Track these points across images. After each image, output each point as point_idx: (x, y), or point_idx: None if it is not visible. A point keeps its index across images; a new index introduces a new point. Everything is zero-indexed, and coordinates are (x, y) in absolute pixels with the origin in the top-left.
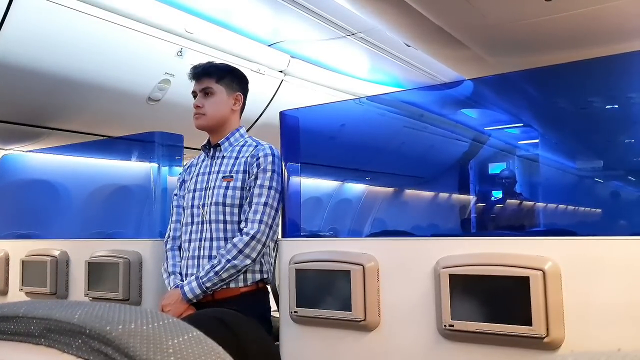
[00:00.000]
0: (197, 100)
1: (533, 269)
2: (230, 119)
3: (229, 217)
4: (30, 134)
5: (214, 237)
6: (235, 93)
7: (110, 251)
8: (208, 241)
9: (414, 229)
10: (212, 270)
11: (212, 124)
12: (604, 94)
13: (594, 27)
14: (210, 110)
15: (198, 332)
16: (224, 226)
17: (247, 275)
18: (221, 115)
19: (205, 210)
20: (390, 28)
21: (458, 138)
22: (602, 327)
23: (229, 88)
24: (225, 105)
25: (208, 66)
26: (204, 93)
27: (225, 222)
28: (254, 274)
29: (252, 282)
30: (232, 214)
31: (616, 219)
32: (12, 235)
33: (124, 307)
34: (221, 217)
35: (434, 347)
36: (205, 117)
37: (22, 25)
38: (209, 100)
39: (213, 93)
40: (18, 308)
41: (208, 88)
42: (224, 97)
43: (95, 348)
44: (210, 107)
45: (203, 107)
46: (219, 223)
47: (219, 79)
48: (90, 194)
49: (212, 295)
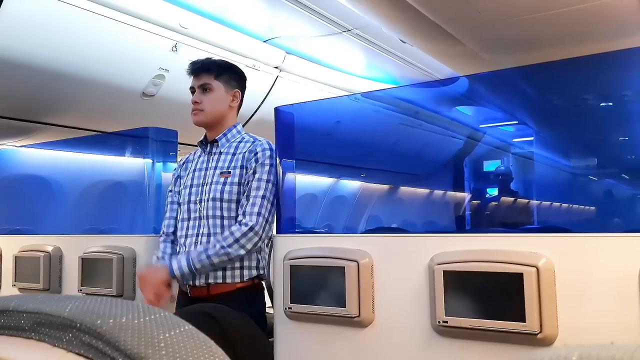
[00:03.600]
0: (195, 96)
1: (527, 265)
2: (228, 115)
3: (227, 213)
4: (23, 129)
5: (212, 232)
6: (234, 90)
7: (104, 247)
8: (205, 237)
9: (409, 225)
10: (204, 252)
11: (210, 120)
12: (599, 92)
13: (590, 24)
14: (209, 106)
15: (190, 326)
16: (221, 222)
17: (243, 271)
18: (219, 111)
19: (202, 206)
20: (386, 24)
21: (453, 135)
22: (595, 324)
23: (228, 84)
24: (223, 102)
25: (207, 62)
26: (202, 89)
27: (223, 217)
28: (250, 270)
29: (248, 278)
30: (229, 209)
31: (610, 216)
32: (5, 230)
33: (115, 301)
34: (218, 213)
35: (428, 343)
36: (203, 113)
37: (15, 19)
38: (208, 97)
39: (212, 89)
40: (8, 302)
41: (207, 84)
42: (222, 93)
43: (86, 342)
44: (209, 103)
45: (201, 103)
46: (216, 219)
47: (217, 75)
48: (84, 190)
49: (208, 290)
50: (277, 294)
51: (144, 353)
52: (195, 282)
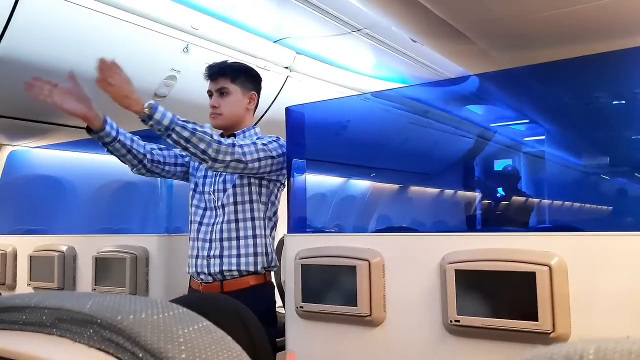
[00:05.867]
0: (213, 100)
1: (539, 264)
2: (245, 117)
3: (240, 198)
4: (37, 130)
5: (225, 220)
6: (250, 92)
7: (117, 246)
8: (219, 225)
9: (419, 225)
10: (193, 123)
11: (228, 123)
12: (611, 90)
13: (601, 21)
14: (227, 110)
15: (208, 322)
16: (234, 207)
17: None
18: (237, 114)
19: (216, 197)
20: (396, 23)
21: (463, 134)
22: (608, 323)
23: (244, 87)
24: (240, 105)
25: (223, 66)
26: (219, 93)
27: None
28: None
29: (261, 267)
30: (242, 194)
31: (623, 215)
32: (20, 230)
33: (135, 298)
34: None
35: (440, 342)
36: (222, 117)
37: (29, 22)
38: (225, 100)
39: (229, 93)
40: (30, 299)
41: (224, 88)
42: (239, 96)
43: (107, 337)
44: (226, 107)
45: (219, 107)
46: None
47: (234, 79)
48: (97, 190)
49: (221, 287)
50: (289, 293)
51: (164, 348)
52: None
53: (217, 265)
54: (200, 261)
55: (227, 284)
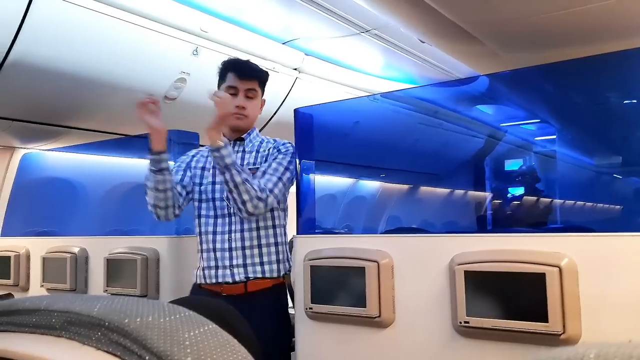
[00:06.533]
0: (240, 101)
1: (549, 265)
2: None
3: None
4: (49, 133)
5: (245, 228)
6: (263, 97)
7: (128, 248)
8: (239, 232)
9: (429, 226)
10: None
11: (248, 126)
12: (621, 89)
13: (610, 21)
14: (252, 112)
15: (213, 325)
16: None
17: (280, 265)
18: (255, 118)
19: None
20: (404, 24)
21: (473, 134)
22: (619, 324)
23: (262, 91)
24: (259, 108)
25: (256, 68)
26: (247, 94)
27: None
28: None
29: (283, 272)
30: None
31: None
32: (32, 232)
33: (142, 301)
34: None
35: (449, 343)
36: (247, 120)
37: (41, 26)
38: (252, 103)
39: (255, 96)
40: (39, 302)
41: (253, 90)
42: (259, 100)
43: (114, 340)
44: (252, 110)
45: (246, 109)
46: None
47: (260, 83)
48: (108, 192)
49: (245, 287)
50: (298, 294)
51: (170, 351)
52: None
53: (241, 274)
54: (222, 272)
55: (252, 284)
